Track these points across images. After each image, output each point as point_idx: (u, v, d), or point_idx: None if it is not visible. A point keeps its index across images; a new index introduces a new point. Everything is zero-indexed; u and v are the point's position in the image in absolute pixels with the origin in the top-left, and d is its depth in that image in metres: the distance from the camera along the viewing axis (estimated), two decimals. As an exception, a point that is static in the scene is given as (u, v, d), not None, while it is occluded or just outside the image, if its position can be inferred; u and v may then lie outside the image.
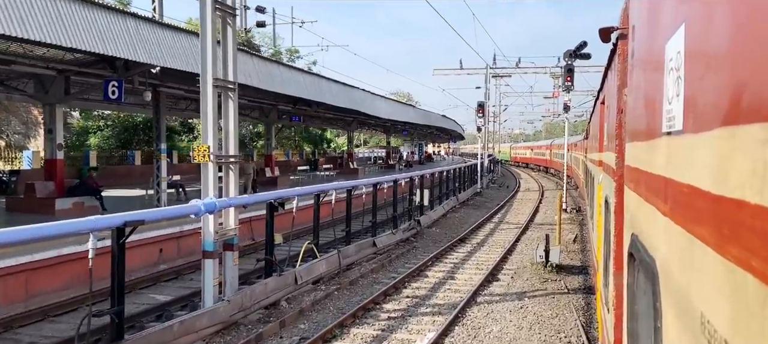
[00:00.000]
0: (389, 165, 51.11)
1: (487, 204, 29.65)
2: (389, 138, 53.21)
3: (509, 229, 20.87)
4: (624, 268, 2.61)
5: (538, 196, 34.92)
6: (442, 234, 19.01)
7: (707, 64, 1.13)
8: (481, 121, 33.47)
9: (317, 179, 31.40)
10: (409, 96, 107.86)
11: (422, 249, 16.35)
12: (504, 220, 23.66)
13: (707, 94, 1.13)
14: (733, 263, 0.91)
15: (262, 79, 17.69)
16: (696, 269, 1.15)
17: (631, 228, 2.28)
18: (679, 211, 1.35)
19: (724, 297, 0.96)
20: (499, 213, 26.17)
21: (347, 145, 40.88)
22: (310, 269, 11.17)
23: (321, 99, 22.71)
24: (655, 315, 1.61)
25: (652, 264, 1.67)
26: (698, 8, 1.24)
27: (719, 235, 1.00)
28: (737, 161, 0.91)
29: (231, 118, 8.99)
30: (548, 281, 12.58)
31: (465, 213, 25.13)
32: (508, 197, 33.73)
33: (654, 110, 1.71)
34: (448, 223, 21.47)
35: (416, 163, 64.02)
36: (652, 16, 1.92)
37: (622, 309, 2.76)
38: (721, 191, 1.00)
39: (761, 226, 0.79)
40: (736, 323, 0.90)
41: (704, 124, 1.13)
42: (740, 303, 0.88)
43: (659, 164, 1.63)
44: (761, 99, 0.82)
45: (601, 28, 3.63)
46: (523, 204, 30.24)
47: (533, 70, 39.51)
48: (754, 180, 0.83)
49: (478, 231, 20.11)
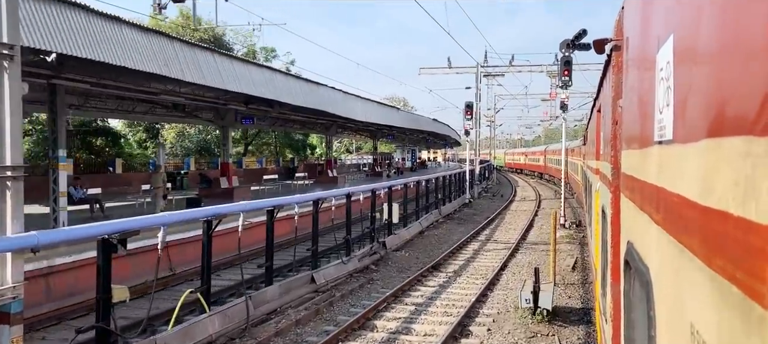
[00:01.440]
0: (376, 172, 47.83)
1: (475, 217, 26.25)
2: (376, 143, 49.85)
3: (496, 251, 17.47)
4: (621, 280, 2.59)
5: (534, 207, 31.54)
6: (411, 259, 15.61)
7: (694, 75, 1.15)
8: (470, 123, 30.13)
9: (285, 190, 28.03)
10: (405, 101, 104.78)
11: (382, 282, 12.95)
12: (492, 238, 20.26)
13: (694, 105, 1.14)
14: (719, 274, 0.92)
15: (186, 69, 14.37)
16: (686, 279, 1.16)
17: (627, 236, 2.31)
18: (670, 221, 1.37)
19: (711, 308, 0.97)
20: (488, 228, 22.77)
21: (326, 151, 37.51)
22: (189, 333, 7.70)
23: (276, 97, 19.37)
24: (649, 323, 1.64)
25: (646, 273, 1.69)
26: (686, 19, 1.26)
27: (706, 246, 1.01)
28: (722, 173, 0.93)
29: (6, 106, 5.52)
30: (537, 337, 9.19)
31: (447, 229, 21.72)
32: (500, 208, 30.35)
33: (647, 119, 1.73)
34: (423, 244, 18.07)
35: (407, 170, 60.86)
36: (644, 26, 1.94)
37: (620, 320, 2.70)
38: (707, 202, 1.01)
39: (743, 238, 0.81)
40: (722, 334, 0.91)
41: (692, 134, 1.14)
42: (725, 314, 0.89)
43: (652, 173, 1.66)
44: (743, 112, 0.83)
45: (595, 40, 3.71)
46: (516, 217, 26.84)
47: (528, 69, 36.22)
48: (736, 192, 0.85)
49: (458, 255, 16.71)
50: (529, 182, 58.47)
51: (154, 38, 13.49)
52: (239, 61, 18.56)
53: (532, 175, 63.92)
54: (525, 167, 71.04)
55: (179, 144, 35.67)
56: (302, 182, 33.31)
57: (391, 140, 53.84)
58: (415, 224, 19.58)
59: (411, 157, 70.85)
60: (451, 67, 36.66)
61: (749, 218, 0.78)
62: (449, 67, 36.75)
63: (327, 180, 35.40)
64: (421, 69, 37.09)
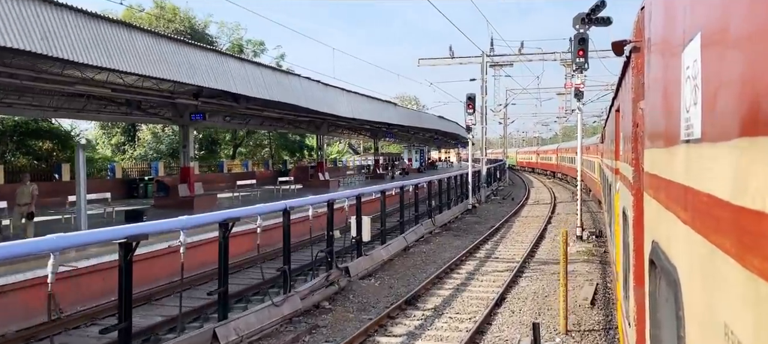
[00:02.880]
0: (377, 175, 44.44)
1: (477, 226, 22.65)
2: (377, 143, 46.47)
3: (495, 274, 13.92)
4: (645, 284, 2.58)
5: (548, 212, 27.82)
6: (382, 290, 12.15)
7: (723, 73, 1.13)
8: (472, 118, 26.54)
9: (262, 197, 24.76)
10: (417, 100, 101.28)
11: (329, 330, 9.51)
12: (492, 254, 16.69)
13: (725, 103, 1.12)
14: (755, 274, 0.91)
15: (105, 50, 11.18)
16: (718, 279, 1.14)
17: (652, 236, 2.27)
18: (699, 220, 1.34)
19: (747, 308, 0.96)
20: (490, 241, 19.19)
21: (318, 152, 34.24)
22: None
23: (228, 87, 16.08)
24: (677, 324, 1.61)
25: (673, 273, 1.67)
26: (714, 16, 1.23)
27: (740, 246, 1.00)
28: (756, 172, 0.91)
29: None
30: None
31: (439, 244, 18.18)
32: (509, 214, 26.70)
33: (672, 118, 1.71)
34: (403, 266, 14.57)
35: (415, 171, 57.35)
36: (669, 25, 1.92)
37: (644, 324, 2.67)
38: (740, 202, 0.99)
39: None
40: (759, 334, 0.90)
41: (723, 133, 1.12)
42: (762, 313, 0.88)
43: (678, 172, 1.64)
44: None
45: (613, 42, 3.68)
46: (526, 225, 23.18)
47: (540, 57, 32.44)
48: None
49: (445, 281, 13.20)
50: (544, 183, 54.52)
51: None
52: (189, 46, 15.31)
53: (545, 174, 62.35)
54: (537, 166, 70.19)
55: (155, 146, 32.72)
56: (288, 187, 30.06)
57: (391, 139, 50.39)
58: (398, 239, 16.10)
59: (420, 158, 67.34)
60: (453, 57, 33.07)
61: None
62: (452, 57, 33.16)
63: (317, 184, 32.14)
64: (420, 60, 33.59)
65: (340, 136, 50.57)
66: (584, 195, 36.65)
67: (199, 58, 15.15)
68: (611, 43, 3.76)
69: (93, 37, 11.37)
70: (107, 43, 11.80)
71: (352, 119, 30.23)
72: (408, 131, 47.24)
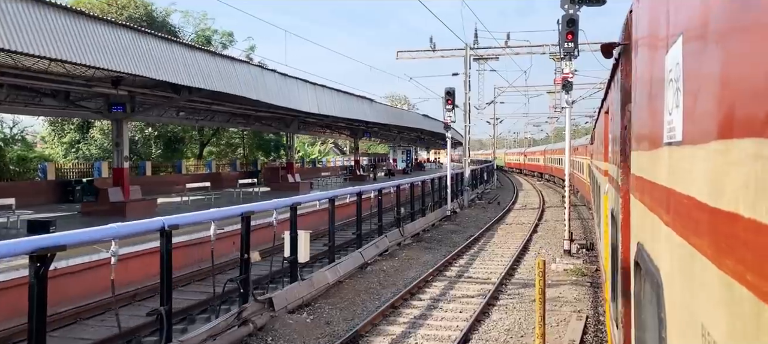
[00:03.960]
0: (357, 176, 41.90)
1: (454, 235, 20.14)
2: (358, 142, 43.93)
3: (463, 303, 11.42)
4: (631, 282, 2.57)
5: (535, 218, 25.41)
6: (314, 328, 9.52)
7: (703, 77, 1.15)
8: (452, 115, 24.03)
9: (218, 201, 22.10)
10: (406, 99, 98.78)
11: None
12: (464, 274, 14.18)
13: (704, 107, 1.14)
14: (730, 276, 0.92)
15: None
16: (697, 281, 1.16)
17: (637, 238, 2.30)
18: (680, 222, 1.36)
19: (722, 310, 0.97)
20: (466, 254, 16.69)
21: (287, 152, 31.64)
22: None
23: (150, 74, 13.45)
24: (659, 325, 1.63)
25: (656, 274, 1.68)
26: (695, 20, 1.25)
27: (717, 248, 1.01)
28: (732, 174, 0.93)
29: None
30: None
31: (405, 259, 15.62)
32: (492, 221, 24.25)
33: (657, 121, 1.73)
34: (352, 291, 11.97)
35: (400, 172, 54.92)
36: (653, 28, 1.94)
37: (630, 326, 2.67)
38: (717, 204, 1.00)
39: (754, 240, 0.81)
40: (733, 335, 0.91)
41: (702, 136, 1.14)
42: (737, 316, 0.89)
43: (661, 174, 1.65)
44: (753, 113, 0.83)
45: (602, 44, 3.74)
46: (509, 235, 20.72)
47: (527, 51, 30.02)
48: (746, 195, 0.85)
49: (400, 313, 10.65)
50: (533, 185, 52.25)
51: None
52: (93, 19, 12.66)
53: (533, 175, 62.34)
54: (524, 167, 70.29)
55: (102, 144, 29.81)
56: (252, 190, 27.44)
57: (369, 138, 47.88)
58: (352, 257, 13.51)
59: (406, 158, 64.89)
60: (434, 50, 30.58)
61: (760, 220, 0.79)
62: (433, 50, 30.67)
63: (286, 186, 29.53)
64: (399, 52, 31.08)
65: (315, 134, 47.99)
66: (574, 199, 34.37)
67: (109, 37, 12.52)
68: (600, 46, 3.84)
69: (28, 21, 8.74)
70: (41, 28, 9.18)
71: (323, 116, 27.74)
72: (390, 130, 44.77)
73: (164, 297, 6.97)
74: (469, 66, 29.67)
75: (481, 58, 30.96)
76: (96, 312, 10.46)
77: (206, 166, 33.31)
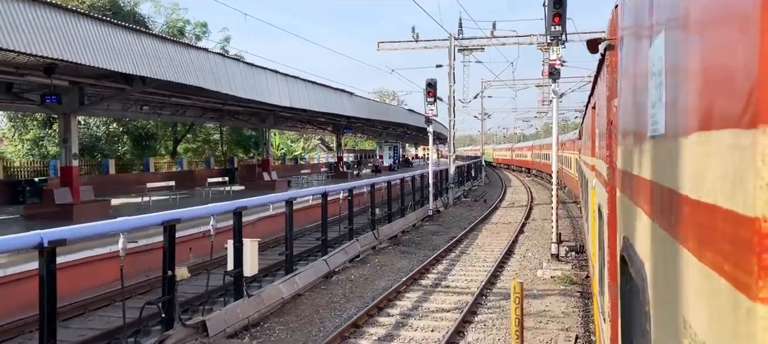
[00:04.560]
0: (340, 173, 40.44)
1: (434, 238, 18.76)
2: (339, 138, 42.45)
3: (436, 319, 10.02)
4: (618, 277, 2.60)
5: (522, 217, 24.11)
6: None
7: (684, 70, 1.16)
8: (433, 109, 22.60)
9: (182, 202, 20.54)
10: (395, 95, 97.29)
11: None
12: (442, 282, 12.80)
13: (685, 100, 1.15)
14: (709, 267, 0.93)
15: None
16: (678, 273, 1.16)
17: (624, 232, 2.29)
18: (663, 215, 1.36)
19: (702, 301, 0.98)
20: (446, 259, 15.31)
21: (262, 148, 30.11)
22: None
23: (84, 60, 11.87)
24: (644, 319, 1.64)
25: (641, 268, 1.69)
26: (676, 15, 1.27)
27: (697, 239, 1.02)
28: (711, 166, 0.94)
29: None
30: None
31: (378, 265, 14.19)
32: (477, 220, 22.92)
33: (641, 114, 1.74)
34: (312, 305, 10.47)
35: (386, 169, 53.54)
36: (638, 22, 1.96)
37: (617, 320, 2.69)
38: (697, 195, 1.01)
39: (731, 231, 0.82)
40: (713, 327, 0.92)
41: (683, 128, 1.15)
42: (715, 306, 0.90)
43: (645, 168, 1.65)
44: (730, 105, 0.84)
45: (588, 40, 3.86)
46: (494, 236, 19.40)
47: (514, 41, 28.66)
48: (725, 185, 0.86)
49: (363, 334, 9.21)
50: (522, 181, 51.06)
51: None
52: (33, 3, 11.03)
53: (521, 171, 62.80)
54: (512, 162, 70.89)
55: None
56: (223, 189, 25.88)
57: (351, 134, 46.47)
58: (316, 265, 12.05)
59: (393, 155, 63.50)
60: (417, 40, 29.13)
61: (737, 211, 0.79)
62: (416, 41, 29.21)
63: (261, 185, 28.00)
64: (380, 43, 29.58)
65: (294, 130, 46.41)
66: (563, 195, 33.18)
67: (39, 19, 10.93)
68: (586, 41, 3.86)
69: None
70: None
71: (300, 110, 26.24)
72: (374, 125, 43.34)
73: (44, 335, 5.47)
74: (454, 57, 28.24)
75: (465, 49, 29.55)
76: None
77: (177, 164, 31.56)
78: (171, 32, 31.19)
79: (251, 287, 9.84)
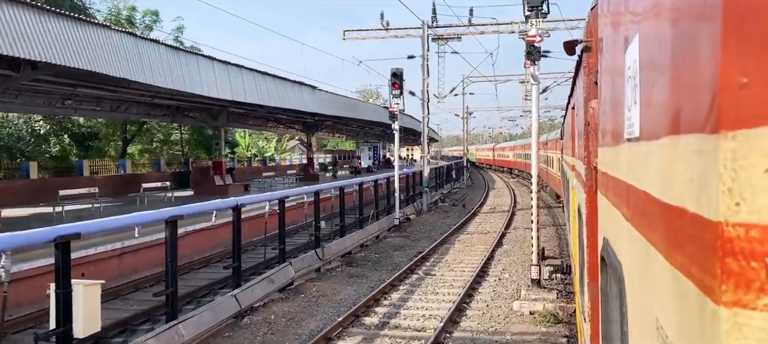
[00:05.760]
0: (310, 175, 37.48)
1: (397, 254, 15.90)
2: (309, 137, 39.52)
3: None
4: (598, 277, 2.63)
5: (503, 225, 21.35)
6: None
7: (656, 74, 1.18)
8: (399, 102, 19.74)
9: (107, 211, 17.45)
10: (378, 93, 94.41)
11: None
12: (390, 321, 9.92)
13: (657, 103, 1.17)
14: (678, 269, 0.94)
15: None
16: (652, 275, 1.18)
17: (603, 233, 2.32)
18: (637, 217, 1.39)
19: (672, 303, 1.00)
20: (404, 284, 12.46)
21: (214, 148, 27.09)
22: None
23: None
24: (621, 319, 1.68)
25: (619, 269, 1.71)
26: (649, 19, 1.28)
27: (668, 242, 1.03)
28: (679, 169, 0.95)
29: None
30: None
31: (312, 298, 11.26)
32: (451, 229, 20.15)
33: (618, 117, 1.76)
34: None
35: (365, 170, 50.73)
36: (614, 26, 1.97)
37: (598, 320, 2.73)
38: (667, 198, 1.03)
39: (697, 234, 0.83)
40: (681, 329, 0.93)
41: (655, 131, 1.17)
42: (684, 310, 0.91)
43: (622, 170, 1.68)
44: (696, 110, 0.85)
45: (565, 42, 3.97)
46: (467, 250, 16.62)
47: (494, 29, 25.92)
48: (691, 189, 0.87)
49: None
50: (507, 183, 48.50)
51: None
52: None
53: (503, 171, 62.99)
54: (493, 163, 70.71)
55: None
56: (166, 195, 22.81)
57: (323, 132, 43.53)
58: (218, 305, 9.07)
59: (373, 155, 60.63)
60: (387, 29, 26.26)
61: (702, 214, 0.81)
62: (385, 29, 26.35)
63: (212, 190, 24.96)
64: (344, 32, 26.67)
65: (256, 129, 43.29)
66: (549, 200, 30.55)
67: None
68: (563, 43, 4.00)
69: None
70: None
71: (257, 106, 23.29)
72: (347, 123, 40.45)
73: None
74: (427, 48, 25.45)
75: (440, 38, 26.77)
76: None
77: (119, 167, 28.35)
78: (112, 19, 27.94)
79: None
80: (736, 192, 0.73)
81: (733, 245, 0.72)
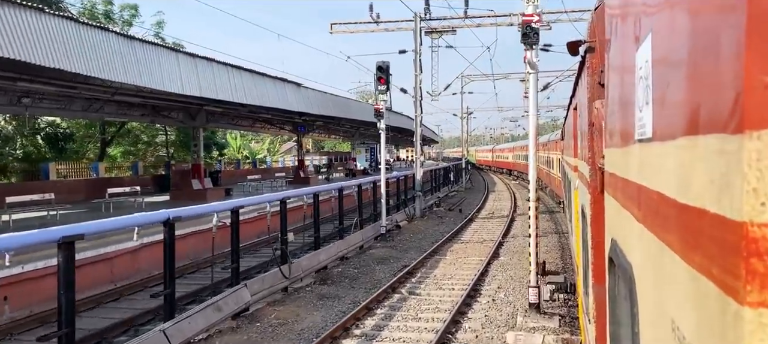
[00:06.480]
0: (300, 178, 35.79)
1: (379, 268, 14.17)
2: (300, 138, 37.86)
3: None
4: (605, 280, 2.62)
5: (501, 232, 19.62)
6: None
7: (671, 74, 1.16)
8: (385, 99, 18.04)
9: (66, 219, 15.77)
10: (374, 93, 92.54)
11: None
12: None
13: (672, 103, 1.15)
14: (697, 270, 0.93)
15: None
16: (667, 276, 1.17)
17: (612, 234, 2.31)
18: (650, 218, 1.37)
19: (690, 304, 0.99)
20: (380, 309, 10.73)
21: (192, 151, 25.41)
22: None
23: None
24: (632, 321, 1.66)
25: (629, 270, 1.70)
26: (663, 18, 1.26)
27: (685, 243, 1.02)
28: (698, 170, 0.94)
29: None
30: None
31: (267, 328, 9.38)
32: (444, 237, 18.45)
33: (628, 117, 1.74)
34: None
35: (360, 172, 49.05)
36: (624, 26, 1.94)
37: (604, 320, 2.72)
38: (685, 199, 1.02)
39: (719, 235, 0.82)
40: (701, 330, 0.92)
41: (670, 132, 1.15)
42: (703, 310, 0.90)
43: (633, 171, 1.66)
44: (717, 110, 0.84)
45: (569, 42, 3.83)
46: (460, 262, 14.90)
47: (491, 22, 24.17)
48: (712, 190, 0.86)
49: None
50: (508, 185, 46.79)
51: None
52: None
53: (502, 172, 63.07)
54: (493, 164, 71.06)
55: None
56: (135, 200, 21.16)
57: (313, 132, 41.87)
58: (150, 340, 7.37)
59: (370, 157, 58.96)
60: (377, 22, 24.55)
61: (724, 215, 0.80)
62: (375, 22, 24.64)
63: (189, 194, 23.30)
64: (332, 25, 24.98)
65: (235, 128, 41.59)
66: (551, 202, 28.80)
67: None
68: (566, 44, 3.85)
69: None
70: None
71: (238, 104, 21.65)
72: (339, 123, 38.77)
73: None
74: (420, 42, 23.74)
75: (434, 32, 25.03)
76: None
77: (92, 170, 26.68)
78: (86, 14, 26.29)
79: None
80: (761, 193, 0.72)
81: (758, 245, 0.72)
